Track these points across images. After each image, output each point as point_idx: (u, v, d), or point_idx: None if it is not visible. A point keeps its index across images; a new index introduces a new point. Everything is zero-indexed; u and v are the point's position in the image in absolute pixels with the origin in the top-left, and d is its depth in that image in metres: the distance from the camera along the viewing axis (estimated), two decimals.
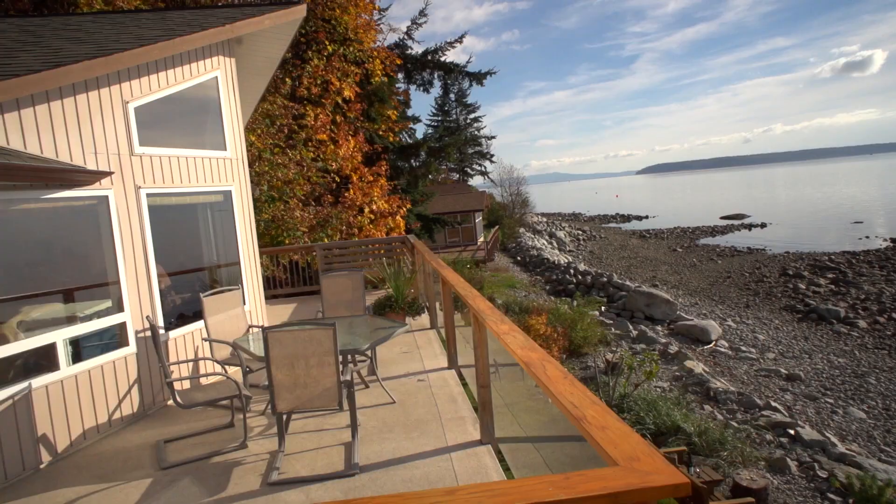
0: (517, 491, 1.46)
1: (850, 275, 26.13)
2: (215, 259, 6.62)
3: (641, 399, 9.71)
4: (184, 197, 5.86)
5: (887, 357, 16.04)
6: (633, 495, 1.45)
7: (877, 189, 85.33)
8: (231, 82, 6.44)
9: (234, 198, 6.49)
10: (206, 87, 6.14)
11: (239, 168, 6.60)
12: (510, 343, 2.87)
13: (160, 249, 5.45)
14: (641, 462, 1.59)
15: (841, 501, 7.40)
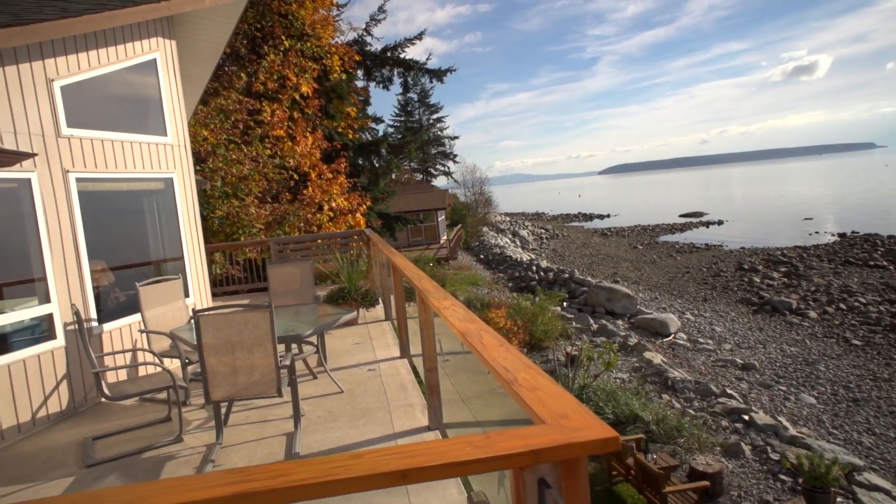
0: (430, 451, 1.33)
1: (801, 268, 26.96)
2: (162, 252, 6.32)
3: (601, 390, 9.73)
4: (120, 183, 5.55)
5: (835, 345, 16.55)
6: (559, 451, 1.33)
7: (825, 187, 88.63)
8: (172, 66, 6.16)
9: (177, 186, 6.20)
10: (144, 70, 5.85)
11: (181, 155, 6.32)
12: (450, 317, 2.74)
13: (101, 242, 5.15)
14: (570, 419, 1.47)
15: (791, 482, 7.52)
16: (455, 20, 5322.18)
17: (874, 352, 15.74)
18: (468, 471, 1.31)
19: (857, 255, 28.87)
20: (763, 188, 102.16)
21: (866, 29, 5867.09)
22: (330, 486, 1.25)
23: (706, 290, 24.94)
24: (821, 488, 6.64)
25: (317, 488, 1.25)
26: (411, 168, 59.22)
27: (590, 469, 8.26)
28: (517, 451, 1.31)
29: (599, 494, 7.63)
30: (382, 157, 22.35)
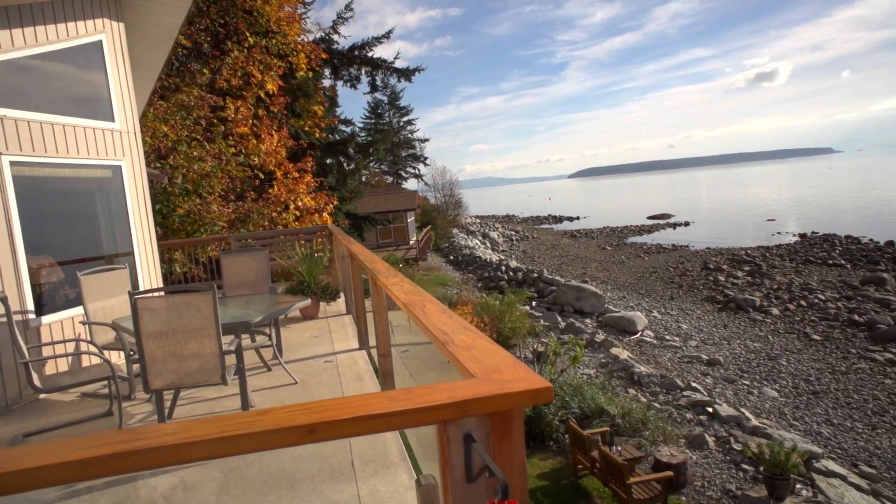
0: (343, 406, 1.20)
1: (764, 267, 27.54)
2: (110, 245, 6.04)
3: (567, 385, 9.70)
4: (63, 170, 5.29)
5: (796, 340, 16.89)
6: (486, 403, 1.22)
7: (787, 190, 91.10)
8: (120, 49, 5.91)
9: (125, 174, 5.94)
10: (90, 52, 5.59)
11: (131, 142, 6.06)
12: (396, 292, 2.62)
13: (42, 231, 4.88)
14: (503, 373, 1.36)
15: (753, 471, 7.58)
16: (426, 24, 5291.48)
17: (833, 346, 16.11)
18: (384, 425, 1.19)
19: (817, 254, 29.63)
20: (728, 191, 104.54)
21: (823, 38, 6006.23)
22: (226, 443, 1.12)
23: (673, 289, 25.28)
24: (780, 475, 6.70)
25: (212, 445, 1.11)
26: (381, 171, 58.95)
27: (555, 463, 8.22)
28: (439, 404, 1.19)
29: (565, 488, 7.57)
30: (350, 156, 22.11)
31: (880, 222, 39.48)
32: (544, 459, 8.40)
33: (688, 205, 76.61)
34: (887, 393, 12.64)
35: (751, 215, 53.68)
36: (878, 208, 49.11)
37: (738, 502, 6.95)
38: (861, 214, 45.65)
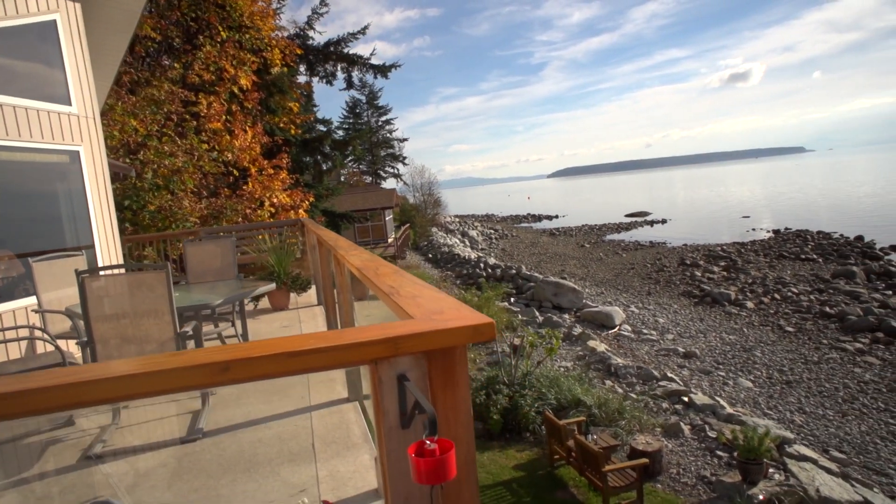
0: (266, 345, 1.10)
1: (739, 262, 27.90)
2: (70, 235, 5.83)
3: (544, 376, 9.66)
4: (14, 153, 5.07)
5: (770, 332, 17.09)
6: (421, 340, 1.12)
7: (761, 188, 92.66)
8: (76, 30, 5.69)
9: (84, 160, 5.73)
10: (42, 31, 5.38)
11: (90, 127, 5.85)
12: (353, 261, 2.50)
13: None
14: (445, 314, 1.26)
15: (728, 457, 7.60)
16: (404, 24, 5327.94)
17: (805, 337, 16.34)
18: (306, 364, 1.08)
19: (790, 249, 30.09)
20: (704, 189, 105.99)
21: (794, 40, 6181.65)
22: (127, 382, 1.00)
23: (650, 284, 25.47)
24: (754, 460, 6.72)
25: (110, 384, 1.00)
26: (360, 170, 58.62)
27: (532, 455, 8.16)
28: (370, 340, 1.09)
29: (541, 478, 7.51)
30: (327, 154, 21.88)
31: (850, 218, 40.32)
32: (521, 451, 8.34)
33: (665, 203, 77.49)
34: (857, 381, 12.85)
35: (726, 213, 54.43)
36: (847, 205, 50.15)
37: (712, 488, 6.96)
38: (832, 211, 46.57)
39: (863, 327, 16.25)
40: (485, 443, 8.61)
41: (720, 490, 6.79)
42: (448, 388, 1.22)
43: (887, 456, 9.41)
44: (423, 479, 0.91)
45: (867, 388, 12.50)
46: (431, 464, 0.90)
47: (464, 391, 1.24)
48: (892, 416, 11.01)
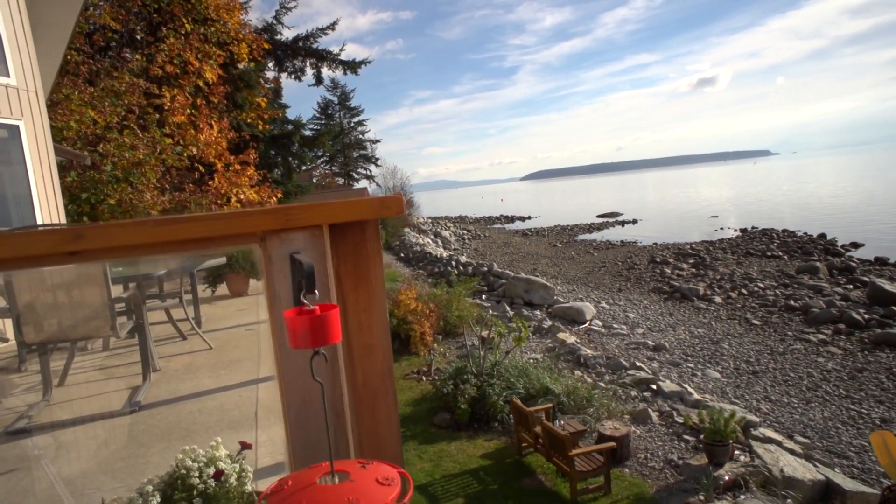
0: None
1: (708, 260, 28.33)
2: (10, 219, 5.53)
3: (513, 367, 9.57)
4: None
5: (738, 325, 17.33)
6: (318, 211, 0.98)
7: (729, 189, 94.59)
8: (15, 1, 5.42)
9: (24, 136, 5.45)
10: None
11: (31, 102, 5.56)
12: None
13: None
14: None
15: (694, 440, 7.61)
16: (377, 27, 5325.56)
17: (771, 330, 16.59)
18: (179, 234, 0.93)
19: (757, 247, 30.69)
20: (674, 191, 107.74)
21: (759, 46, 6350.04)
22: None
23: (621, 281, 25.67)
24: (720, 441, 6.72)
25: None
26: (332, 172, 58.14)
27: (499, 444, 8.06)
28: (256, 209, 0.95)
29: (509, 466, 7.41)
30: (296, 152, 21.56)
31: (813, 217, 41.38)
32: (489, 440, 8.22)
33: (636, 204, 78.51)
34: (820, 370, 13.08)
35: (695, 213, 55.35)
36: (811, 205, 51.44)
37: (679, 471, 6.93)
38: (796, 211, 47.70)
39: (825, 319, 16.58)
40: (453, 433, 8.47)
41: (687, 473, 6.77)
42: (360, 285, 1.09)
43: (848, 439, 9.58)
44: (298, 342, 0.77)
45: (830, 376, 12.73)
46: (307, 322, 0.76)
47: (378, 289, 1.10)
48: (853, 402, 11.21)
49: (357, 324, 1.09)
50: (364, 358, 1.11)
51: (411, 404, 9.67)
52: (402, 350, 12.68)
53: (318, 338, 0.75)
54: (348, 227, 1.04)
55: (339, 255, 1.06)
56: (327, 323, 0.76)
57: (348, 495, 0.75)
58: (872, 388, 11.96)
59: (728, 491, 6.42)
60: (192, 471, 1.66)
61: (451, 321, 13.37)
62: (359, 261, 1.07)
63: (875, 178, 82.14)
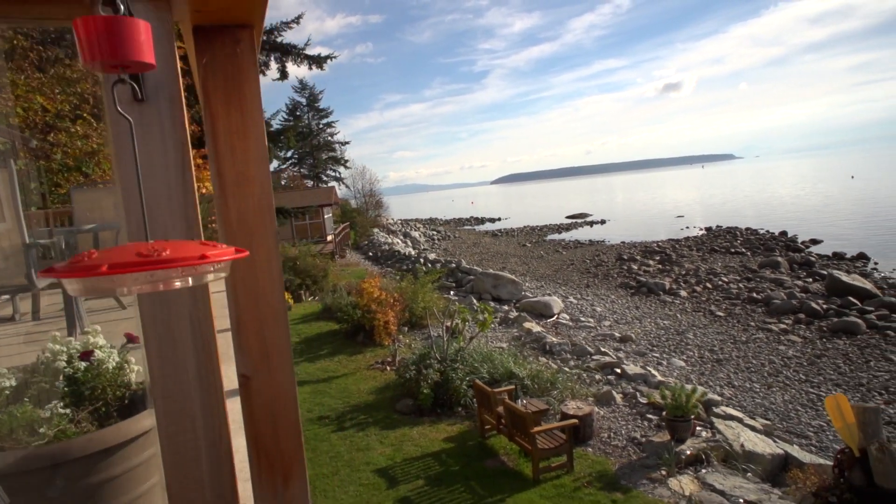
0: None
1: (674, 256, 28.74)
2: None
3: (477, 353, 9.45)
4: None
5: (702, 317, 17.57)
6: None
7: (694, 191, 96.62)
8: None
9: None
10: None
11: None
12: None
13: None
14: None
15: (657, 419, 7.59)
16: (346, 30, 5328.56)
17: (734, 321, 16.85)
18: None
19: (721, 244, 31.29)
20: (641, 193, 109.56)
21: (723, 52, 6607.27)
22: None
23: (589, 278, 25.85)
24: (681, 417, 6.70)
25: None
26: (301, 174, 57.44)
27: (463, 428, 7.92)
28: None
29: (471, 449, 7.27)
30: None
31: (775, 216, 42.48)
32: (452, 424, 8.08)
33: (604, 205, 79.56)
34: (781, 357, 13.32)
35: (662, 213, 56.27)
36: (773, 205, 52.77)
37: (642, 448, 6.89)
38: (759, 210, 48.85)
39: (786, 310, 16.91)
40: (415, 419, 8.30)
41: (649, 450, 6.73)
42: (232, 104, 0.94)
43: (807, 420, 9.74)
44: (89, 53, 0.61)
45: (790, 362, 12.97)
46: (96, 25, 0.60)
47: (255, 110, 0.95)
48: (812, 386, 11.42)
49: (229, 149, 0.94)
50: (238, 189, 0.96)
51: (374, 392, 9.48)
52: (366, 342, 12.47)
53: (114, 48, 0.59)
54: (218, 34, 0.89)
55: (206, 68, 0.91)
56: (126, 29, 0.60)
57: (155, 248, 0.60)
58: (830, 372, 12.22)
59: (690, 465, 6.40)
60: (58, 355, 1.48)
61: (418, 313, 13.20)
62: (230, 75, 0.92)
63: (833, 180, 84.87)
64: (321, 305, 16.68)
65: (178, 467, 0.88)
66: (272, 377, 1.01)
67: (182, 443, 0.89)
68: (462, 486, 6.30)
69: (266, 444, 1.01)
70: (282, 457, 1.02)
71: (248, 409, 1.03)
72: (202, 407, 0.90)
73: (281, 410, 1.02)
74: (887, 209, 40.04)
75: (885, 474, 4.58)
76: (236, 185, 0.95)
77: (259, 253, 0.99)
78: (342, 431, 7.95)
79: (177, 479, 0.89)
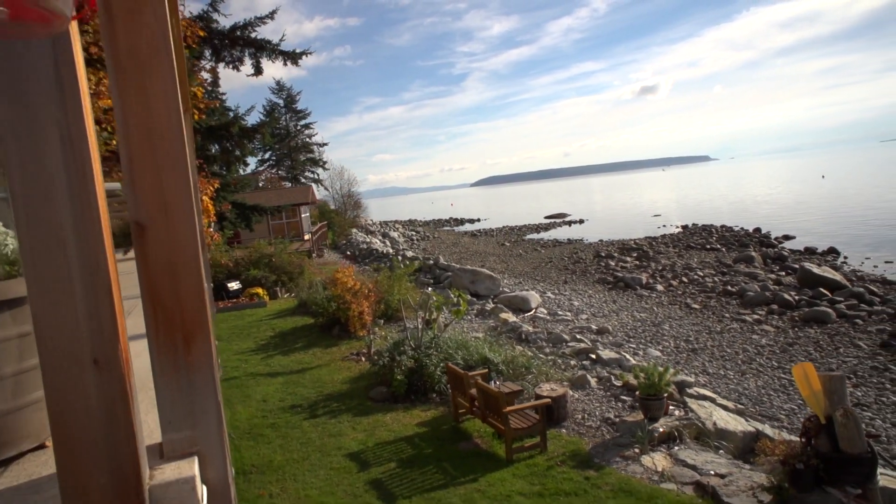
0: None
1: (651, 253, 29.01)
2: None
3: (452, 340, 9.39)
4: None
5: (678, 310, 17.73)
6: None
7: (671, 191, 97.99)
8: None
9: None
10: None
11: None
12: None
13: None
14: None
15: (631, 400, 7.60)
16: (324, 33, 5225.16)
17: (710, 312, 17.05)
18: None
19: (697, 241, 31.70)
20: (619, 194, 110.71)
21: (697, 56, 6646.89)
22: None
23: (567, 274, 25.98)
24: (654, 395, 6.70)
25: None
26: (279, 176, 56.97)
27: (437, 413, 7.84)
28: None
29: (445, 432, 7.20)
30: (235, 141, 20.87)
31: (750, 214, 43.24)
32: (426, 410, 7.99)
33: (583, 206, 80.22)
34: (754, 346, 13.50)
35: (639, 212, 56.85)
36: (748, 204, 53.67)
37: (616, 428, 6.88)
38: (734, 209, 49.61)
39: (760, 301, 17.15)
40: (389, 405, 8.20)
41: (623, 429, 6.72)
42: None
43: (779, 404, 9.87)
44: None
45: (763, 350, 13.14)
46: None
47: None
48: (784, 372, 11.56)
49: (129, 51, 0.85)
50: (126, 18, 0.87)
51: (348, 382, 9.35)
52: (342, 335, 12.33)
53: None
54: None
55: None
56: None
57: None
58: (802, 359, 12.39)
59: (663, 443, 6.40)
60: None
61: (394, 305, 13.10)
62: None
63: (804, 180, 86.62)
64: (296, 301, 16.51)
65: (46, 295, 0.77)
66: (171, 228, 0.92)
67: (52, 267, 0.79)
68: (434, 467, 6.22)
69: (164, 300, 0.92)
70: (183, 316, 0.94)
71: (144, 262, 0.94)
72: (75, 228, 0.81)
73: (182, 266, 0.93)
74: (856, 207, 40.96)
75: (850, 439, 4.62)
76: (125, 12, 0.86)
77: (155, 86, 0.89)
78: (314, 419, 7.82)
79: (44, 309, 0.78)
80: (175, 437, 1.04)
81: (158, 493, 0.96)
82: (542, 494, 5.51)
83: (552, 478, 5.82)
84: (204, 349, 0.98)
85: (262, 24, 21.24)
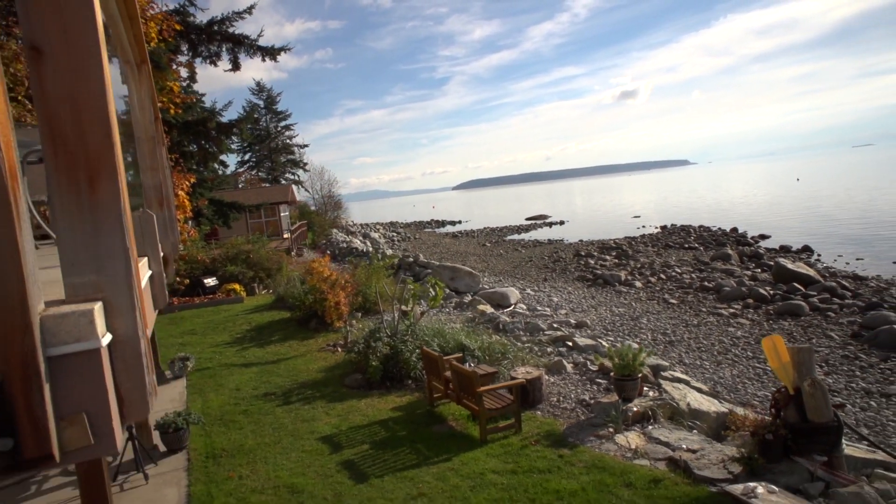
0: None
1: (630, 252, 29.26)
2: None
3: (428, 328, 9.33)
4: None
5: (656, 305, 17.89)
6: None
7: (651, 194, 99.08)
8: None
9: None
10: None
11: None
12: None
13: None
14: None
15: (606, 383, 7.61)
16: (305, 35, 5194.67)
17: (687, 307, 17.22)
18: None
19: (675, 240, 32.06)
20: (600, 196, 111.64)
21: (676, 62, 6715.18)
22: None
23: (547, 272, 26.08)
24: (629, 376, 6.71)
25: None
26: (259, 177, 56.46)
27: (412, 398, 7.78)
28: None
29: (420, 416, 7.13)
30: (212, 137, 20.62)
31: (727, 215, 43.89)
32: (401, 396, 7.93)
33: (563, 208, 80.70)
34: (730, 337, 13.66)
35: (619, 214, 57.38)
36: (725, 205, 54.46)
37: (590, 409, 6.87)
38: (712, 210, 50.29)
39: (736, 296, 17.37)
40: (364, 392, 8.12)
41: (598, 410, 6.72)
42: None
43: (753, 391, 9.99)
44: None
45: (739, 342, 13.29)
46: None
47: None
48: (759, 362, 11.69)
49: None
50: None
51: (323, 371, 9.25)
52: (319, 328, 12.21)
53: None
54: None
55: None
56: None
57: None
58: None
59: (637, 423, 6.41)
60: None
61: (371, 298, 13.00)
62: None
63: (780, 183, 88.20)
64: (274, 297, 16.34)
65: None
66: (73, 54, 0.85)
67: None
68: (408, 448, 6.16)
69: (65, 136, 0.86)
70: (87, 151, 0.87)
71: (41, 93, 0.87)
72: None
73: (84, 95, 0.86)
74: (829, 207, 41.81)
75: (817, 409, 4.65)
76: None
77: None
78: (288, 405, 7.71)
79: None
80: (77, 280, 0.97)
81: (52, 324, 0.89)
82: (515, 472, 5.47)
83: (526, 456, 5.79)
84: (110, 188, 0.91)
85: (240, 20, 21.09)
